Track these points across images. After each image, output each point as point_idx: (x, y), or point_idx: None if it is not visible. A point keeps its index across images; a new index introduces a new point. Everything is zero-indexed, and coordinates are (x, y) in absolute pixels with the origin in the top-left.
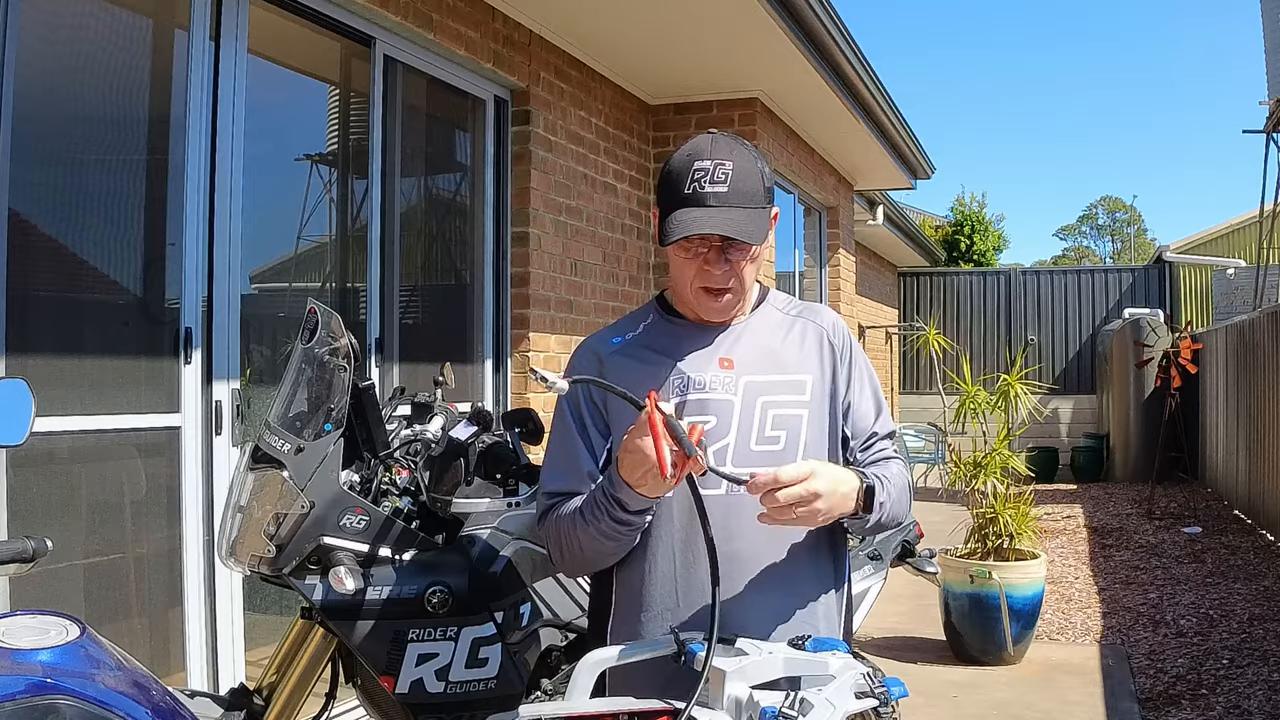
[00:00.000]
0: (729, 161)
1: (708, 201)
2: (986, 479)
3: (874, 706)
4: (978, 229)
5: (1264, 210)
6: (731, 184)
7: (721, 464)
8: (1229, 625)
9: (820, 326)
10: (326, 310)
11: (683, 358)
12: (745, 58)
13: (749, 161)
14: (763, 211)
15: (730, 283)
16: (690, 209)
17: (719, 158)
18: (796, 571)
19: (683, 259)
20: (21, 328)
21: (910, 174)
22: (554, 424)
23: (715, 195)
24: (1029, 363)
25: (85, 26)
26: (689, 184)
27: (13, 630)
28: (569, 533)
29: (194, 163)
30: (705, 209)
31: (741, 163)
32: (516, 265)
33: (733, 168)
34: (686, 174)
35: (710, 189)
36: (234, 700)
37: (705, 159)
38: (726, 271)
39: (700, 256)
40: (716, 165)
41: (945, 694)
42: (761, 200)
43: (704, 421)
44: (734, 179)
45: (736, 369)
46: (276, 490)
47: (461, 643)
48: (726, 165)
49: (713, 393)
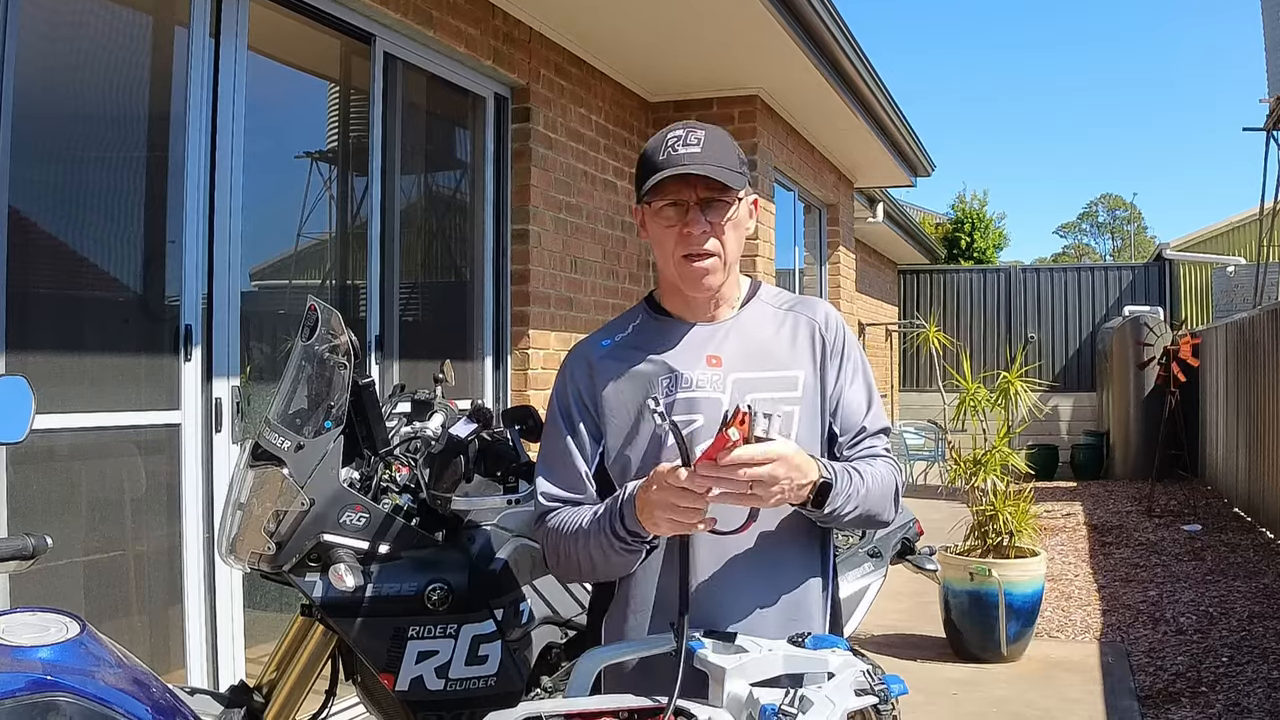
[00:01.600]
0: (701, 130)
1: (683, 160)
2: (986, 476)
3: (874, 704)
4: (978, 227)
5: (1264, 208)
6: (704, 146)
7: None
8: (1228, 623)
9: (812, 320)
10: (326, 307)
11: (670, 356)
12: (745, 55)
13: (721, 135)
14: (740, 176)
15: (711, 244)
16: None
17: (692, 127)
18: (783, 565)
19: (663, 228)
20: (21, 325)
21: (910, 171)
22: (546, 425)
23: (689, 155)
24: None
25: (85, 24)
26: (663, 151)
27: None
28: (573, 549)
29: (194, 160)
30: (681, 165)
31: (715, 133)
32: (516, 263)
33: (705, 135)
34: (661, 144)
35: (684, 150)
36: (234, 697)
37: (679, 129)
38: (706, 232)
39: (679, 222)
40: (689, 132)
41: (945, 691)
42: (737, 166)
43: (691, 420)
44: (707, 142)
45: (725, 366)
46: (276, 487)
47: (461, 640)
48: (699, 132)
49: (700, 390)
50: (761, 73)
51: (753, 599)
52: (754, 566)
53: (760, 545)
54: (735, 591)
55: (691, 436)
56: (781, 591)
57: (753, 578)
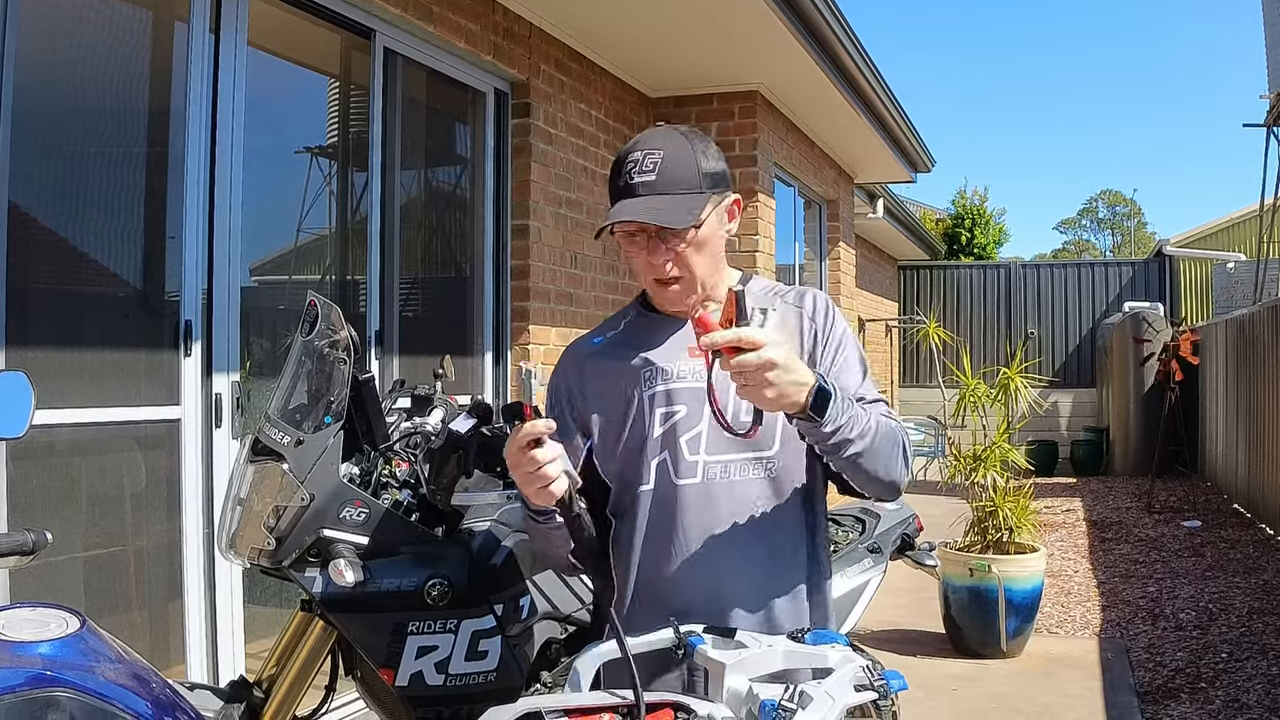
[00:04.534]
0: (660, 150)
1: (637, 191)
2: (986, 472)
3: (873, 699)
4: (978, 223)
5: (1264, 204)
6: (660, 171)
7: (695, 452)
8: (1228, 619)
9: (800, 309)
10: (326, 303)
11: (653, 350)
12: (745, 51)
13: (682, 149)
14: (695, 196)
15: (675, 270)
16: (622, 200)
17: (650, 147)
18: (773, 554)
19: (632, 253)
20: (21, 320)
21: (910, 167)
22: None
23: (643, 184)
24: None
25: (85, 19)
26: (622, 176)
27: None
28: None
29: (194, 155)
30: (634, 199)
31: (674, 150)
32: (516, 258)
33: (663, 155)
34: (621, 167)
35: (639, 178)
36: (234, 693)
37: (638, 150)
38: (667, 260)
39: (643, 248)
40: (646, 155)
41: (945, 687)
42: (695, 185)
43: (673, 411)
44: (663, 166)
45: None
46: (276, 483)
47: (461, 635)
48: (656, 154)
49: (682, 382)
50: (762, 68)
51: (742, 588)
52: (745, 555)
53: (750, 534)
54: (726, 581)
55: (675, 427)
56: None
57: (743, 567)
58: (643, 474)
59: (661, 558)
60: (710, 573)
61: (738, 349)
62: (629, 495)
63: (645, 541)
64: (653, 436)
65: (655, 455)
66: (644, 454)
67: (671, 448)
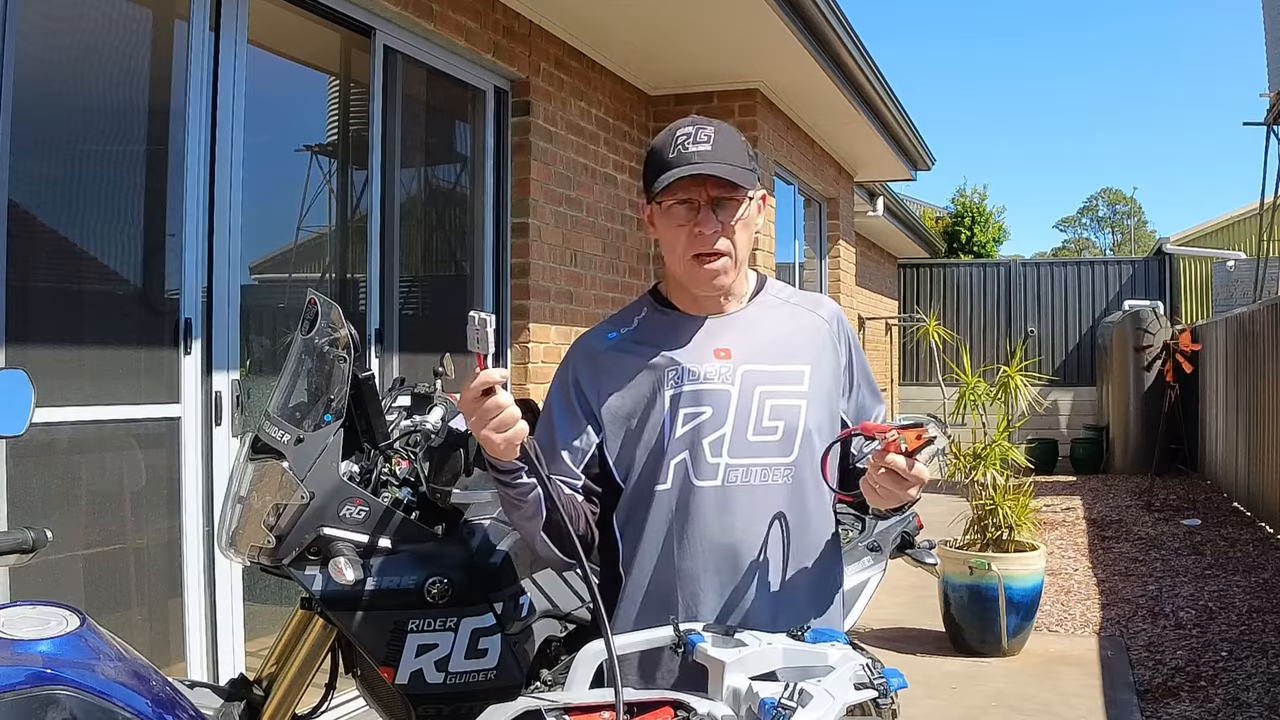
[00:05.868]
0: (710, 127)
1: (694, 159)
2: (986, 470)
3: (873, 698)
4: (978, 221)
5: (1264, 202)
6: (715, 143)
7: (717, 455)
8: (1228, 617)
9: (820, 317)
10: (326, 301)
11: (678, 349)
12: (745, 48)
13: (732, 133)
14: (750, 174)
15: (722, 243)
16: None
17: (701, 124)
18: (788, 558)
19: (674, 227)
20: (21, 318)
21: (910, 165)
22: (540, 414)
23: (700, 153)
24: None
25: (85, 17)
26: (673, 149)
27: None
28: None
29: (194, 153)
30: (692, 165)
31: (724, 131)
32: (516, 256)
33: (714, 131)
34: (670, 141)
35: (694, 148)
36: (234, 691)
37: (688, 126)
38: (717, 231)
39: (690, 221)
40: (699, 129)
41: (944, 685)
42: (747, 163)
43: (699, 412)
44: (717, 140)
45: (734, 359)
46: (276, 481)
47: (461, 633)
48: (709, 129)
49: (708, 383)
50: (762, 66)
51: (756, 590)
52: (759, 557)
53: (769, 549)
54: (739, 582)
55: (699, 429)
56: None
57: (757, 569)
58: (661, 473)
59: (676, 557)
60: (725, 574)
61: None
62: (644, 493)
63: (661, 540)
64: (674, 436)
65: (676, 455)
66: (664, 453)
67: (693, 449)
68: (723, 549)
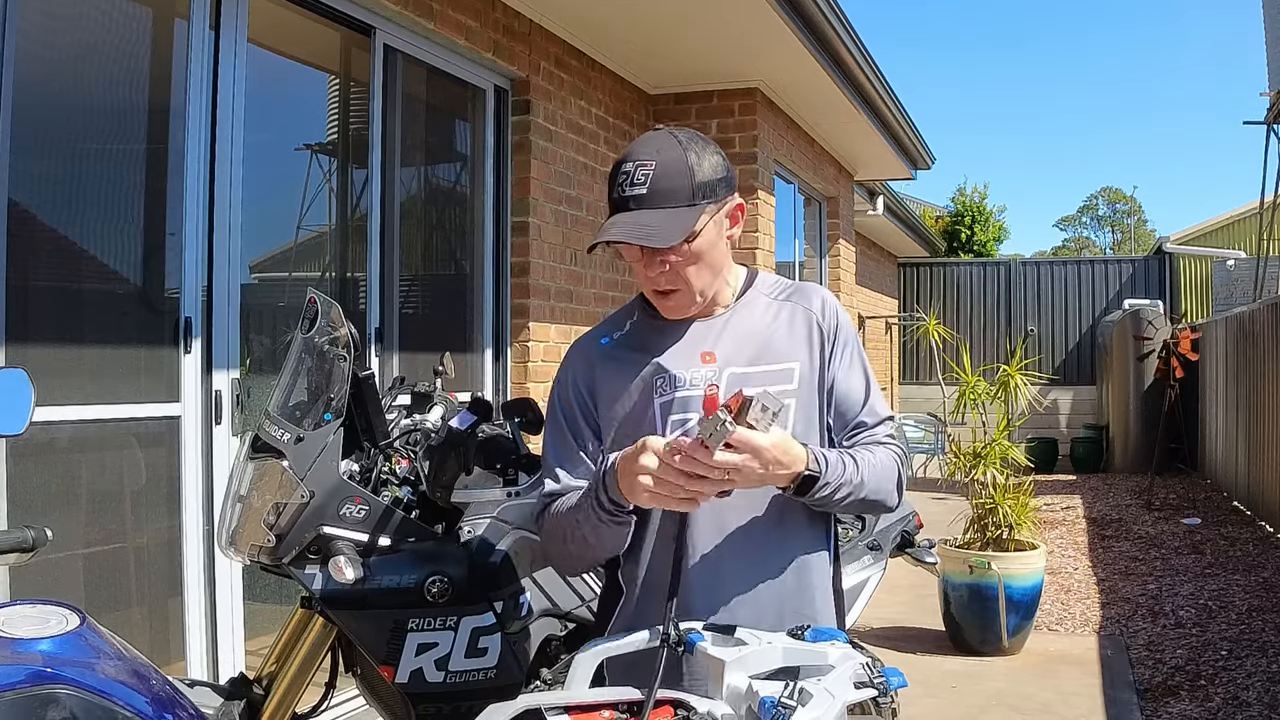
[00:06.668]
0: (652, 161)
1: (628, 205)
2: (986, 469)
3: (873, 697)
4: (978, 220)
5: (1264, 202)
6: (651, 184)
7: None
8: (1228, 616)
9: (809, 310)
10: (326, 300)
11: (666, 355)
12: (745, 48)
13: (676, 159)
14: (687, 210)
15: (669, 284)
16: (615, 215)
17: (643, 158)
18: (785, 559)
19: (632, 260)
20: (21, 317)
21: (910, 164)
22: (548, 420)
23: (634, 198)
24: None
25: (85, 16)
26: (616, 188)
27: (13, 620)
28: (569, 528)
29: (194, 152)
30: (625, 214)
31: (667, 160)
32: (516, 255)
33: (654, 166)
34: (615, 176)
35: (630, 191)
36: (234, 690)
37: (630, 161)
38: (663, 274)
39: (638, 259)
40: (638, 166)
41: (944, 684)
42: (687, 197)
43: (687, 419)
44: (654, 178)
45: (720, 362)
46: (276, 480)
47: (461, 632)
48: (648, 165)
49: (695, 389)
50: (762, 65)
51: (752, 584)
52: (754, 551)
53: (762, 530)
54: (734, 577)
55: (686, 435)
56: (782, 577)
57: (753, 563)
58: None
59: (674, 560)
60: (720, 576)
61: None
62: None
63: (656, 543)
64: None
65: None
66: None
67: None
68: (718, 550)
